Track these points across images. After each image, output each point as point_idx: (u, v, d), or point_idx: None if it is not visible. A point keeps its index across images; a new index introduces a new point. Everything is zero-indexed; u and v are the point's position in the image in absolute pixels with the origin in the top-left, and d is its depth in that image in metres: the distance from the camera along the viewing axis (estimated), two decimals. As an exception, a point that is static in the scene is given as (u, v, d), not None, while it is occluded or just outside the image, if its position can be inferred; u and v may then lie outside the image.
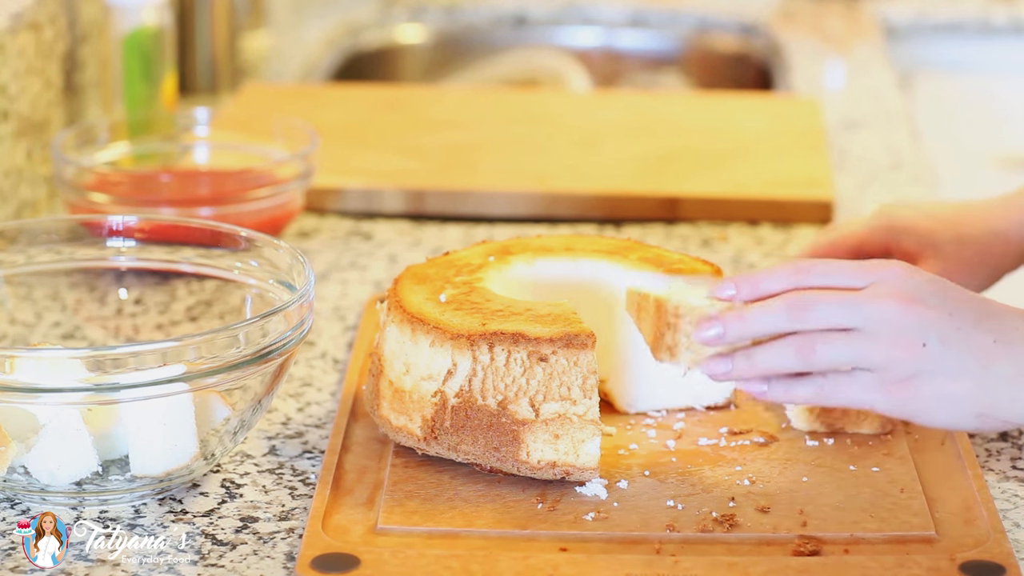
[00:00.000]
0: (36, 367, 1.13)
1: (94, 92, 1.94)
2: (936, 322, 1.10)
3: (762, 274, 1.14)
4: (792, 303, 1.11)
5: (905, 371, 1.10)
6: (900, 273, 1.12)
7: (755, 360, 1.12)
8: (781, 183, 1.81)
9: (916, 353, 1.10)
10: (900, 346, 1.10)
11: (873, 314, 1.10)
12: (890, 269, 1.13)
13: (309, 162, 1.65)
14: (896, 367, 1.10)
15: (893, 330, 1.10)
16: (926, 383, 1.11)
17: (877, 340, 1.10)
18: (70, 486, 1.17)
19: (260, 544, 1.14)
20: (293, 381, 1.38)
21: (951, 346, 1.10)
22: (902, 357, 1.10)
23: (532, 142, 1.94)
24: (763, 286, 1.13)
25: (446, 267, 1.29)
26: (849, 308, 1.11)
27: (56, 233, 1.36)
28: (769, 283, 1.14)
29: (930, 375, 1.11)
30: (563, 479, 1.19)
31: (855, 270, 1.13)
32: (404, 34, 2.71)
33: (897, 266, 1.13)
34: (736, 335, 1.12)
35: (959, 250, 1.41)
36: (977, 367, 1.11)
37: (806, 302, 1.11)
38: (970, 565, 1.09)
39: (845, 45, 2.57)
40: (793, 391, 1.13)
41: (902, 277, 1.12)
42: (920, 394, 1.11)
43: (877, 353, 1.10)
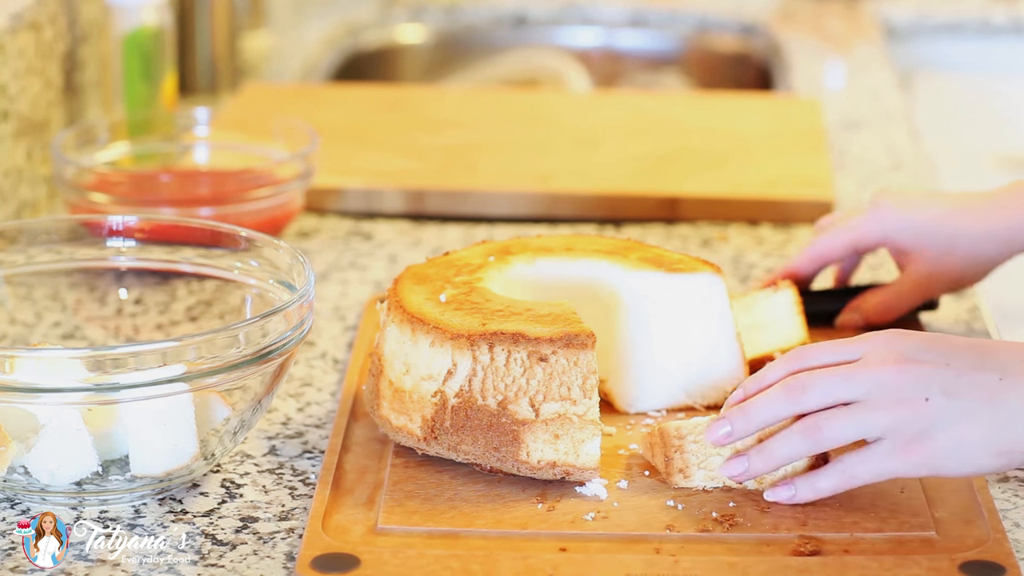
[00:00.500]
0: (36, 367, 1.13)
1: (94, 92, 1.94)
2: (934, 375, 1.10)
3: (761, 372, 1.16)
4: (789, 386, 1.12)
5: (914, 430, 1.10)
6: (890, 339, 1.13)
7: (767, 453, 1.14)
8: (781, 183, 1.81)
9: (920, 410, 1.10)
10: (903, 406, 1.10)
11: (869, 381, 1.11)
12: (879, 337, 1.13)
13: (309, 162, 1.65)
14: (904, 428, 1.10)
15: (893, 392, 1.10)
16: (938, 436, 1.10)
17: (879, 406, 1.10)
18: (70, 486, 1.17)
19: (260, 544, 1.14)
20: (293, 381, 1.38)
21: (954, 395, 1.10)
22: (907, 417, 1.10)
23: (532, 142, 1.94)
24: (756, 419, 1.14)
25: (446, 267, 1.29)
26: (845, 380, 1.11)
27: (56, 233, 1.36)
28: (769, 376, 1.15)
29: (941, 427, 1.10)
30: (563, 479, 1.19)
31: (845, 346, 1.14)
32: (404, 34, 2.71)
33: (886, 333, 1.14)
34: (743, 429, 1.14)
35: (952, 247, 1.41)
36: (986, 408, 1.10)
37: (802, 383, 1.12)
38: (970, 565, 1.09)
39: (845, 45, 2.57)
40: (818, 486, 1.14)
41: (892, 342, 1.13)
42: (936, 449, 1.10)
43: (882, 419, 1.10)
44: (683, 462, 1.18)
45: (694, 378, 1.30)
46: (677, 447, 1.18)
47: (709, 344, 1.30)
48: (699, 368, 1.30)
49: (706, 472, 1.18)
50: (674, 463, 1.18)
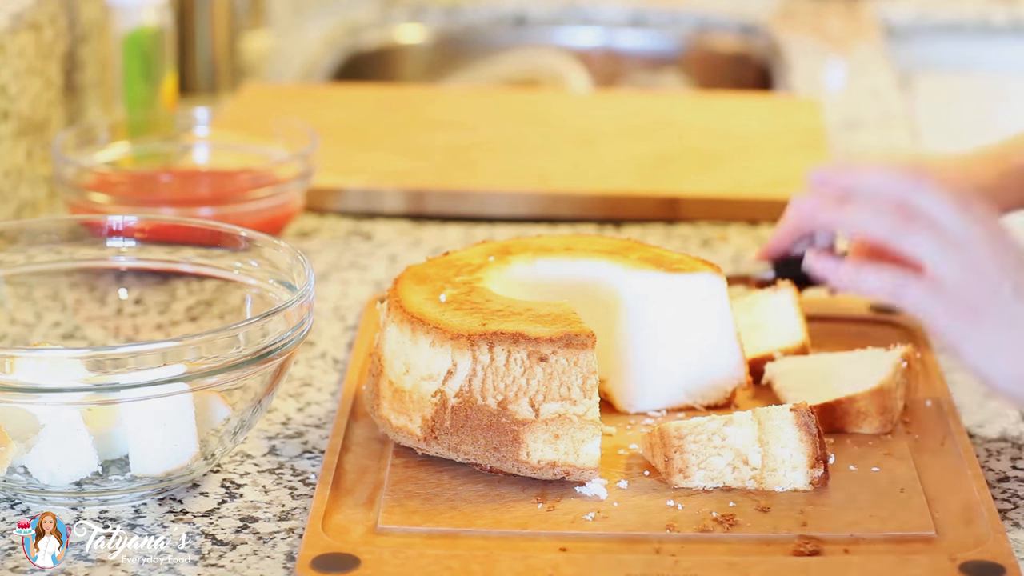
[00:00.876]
0: (36, 367, 1.13)
1: (94, 92, 1.94)
2: (1016, 273, 1.11)
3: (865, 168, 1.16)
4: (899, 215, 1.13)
5: (972, 300, 1.11)
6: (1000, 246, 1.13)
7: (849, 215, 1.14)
8: (781, 183, 1.81)
9: (990, 289, 1.11)
10: (979, 274, 1.11)
11: (973, 234, 1.11)
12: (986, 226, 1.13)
13: (309, 162, 1.65)
14: (966, 290, 1.11)
15: (979, 258, 1.11)
16: (986, 324, 1.11)
17: (963, 254, 1.11)
18: (70, 486, 1.17)
19: (260, 544, 1.14)
20: (293, 381, 1.38)
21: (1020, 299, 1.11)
22: (976, 285, 1.11)
23: (532, 142, 1.94)
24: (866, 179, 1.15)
25: (446, 267, 1.29)
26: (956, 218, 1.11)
27: (56, 233, 1.36)
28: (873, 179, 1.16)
29: (993, 319, 1.11)
30: (563, 479, 1.19)
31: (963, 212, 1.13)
32: (404, 34, 2.71)
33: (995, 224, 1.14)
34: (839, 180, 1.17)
35: None
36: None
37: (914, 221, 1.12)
38: (970, 565, 1.09)
39: (845, 45, 2.57)
40: (867, 278, 1.14)
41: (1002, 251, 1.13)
42: (977, 332, 1.11)
43: (958, 264, 1.11)
44: (683, 462, 1.18)
45: (694, 378, 1.30)
46: (677, 447, 1.18)
47: (709, 344, 1.30)
48: (699, 368, 1.30)
49: (706, 472, 1.18)
50: (674, 463, 1.18)
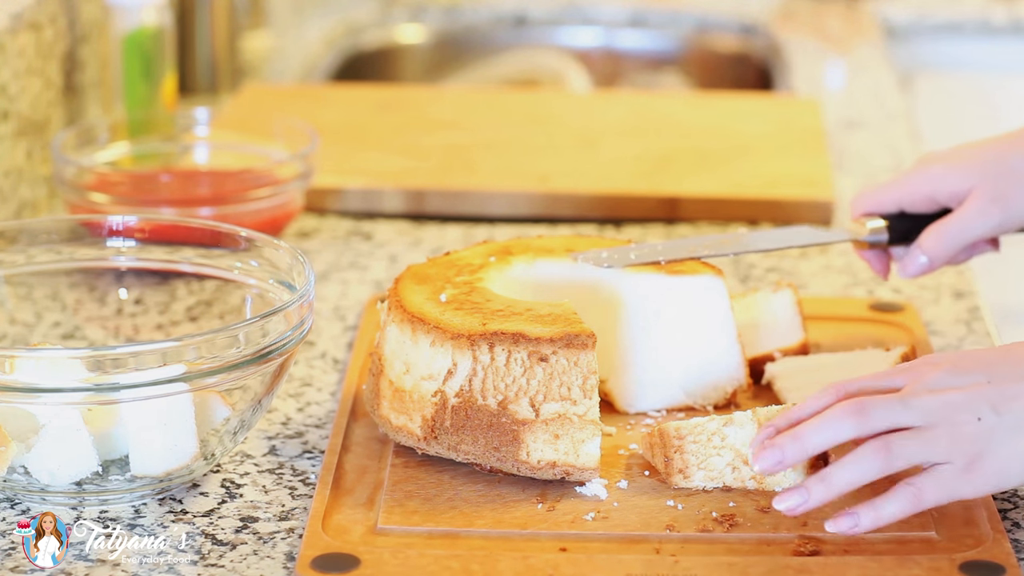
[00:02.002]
0: (36, 367, 1.13)
1: (94, 92, 1.94)
2: (980, 395, 1.11)
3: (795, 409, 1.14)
4: (848, 410, 1.11)
5: (974, 451, 1.10)
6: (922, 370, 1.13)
7: (829, 481, 1.11)
8: (781, 183, 1.81)
9: (976, 430, 1.10)
10: (960, 429, 1.10)
11: (925, 407, 1.10)
12: (913, 371, 1.13)
13: (309, 162, 1.65)
14: (965, 449, 1.10)
15: (947, 418, 1.10)
16: (998, 452, 1.10)
17: (939, 429, 1.10)
18: (70, 486, 1.17)
19: (260, 544, 1.14)
20: (293, 381, 1.38)
21: (1004, 409, 1.10)
22: (967, 437, 1.10)
23: (532, 142, 1.94)
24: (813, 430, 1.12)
25: (446, 267, 1.29)
26: (903, 405, 1.11)
27: (56, 233, 1.36)
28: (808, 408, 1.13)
29: (998, 443, 1.10)
30: (563, 479, 1.19)
31: (888, 376, 1.14)
32: (404, 34, 2.71)
33: (917, 364, 1.14)
34: (796, 455, 1.12)
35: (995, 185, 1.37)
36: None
37: (862, 405, 1.11)
38: (970, 565, 1.09)
39: (845, 45, 2.57)
40: (883, 512, 1.11)
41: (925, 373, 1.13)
42: (997, 465, 1.10)
43: (944, 442, 1.10)
44: (683, 462, 1.18)
45: (694, 378, 1.30)
46: (677, 447, 1.18)
47: (709, 344, 1.30)
48: (699, 368, 1.30)
49: (706, 472, 1.18)
50: (674, 463, 1.18)
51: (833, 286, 1.60)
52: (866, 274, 1.61)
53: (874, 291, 1.58)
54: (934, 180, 1.38)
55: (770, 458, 1.12)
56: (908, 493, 1.11)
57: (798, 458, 1.12)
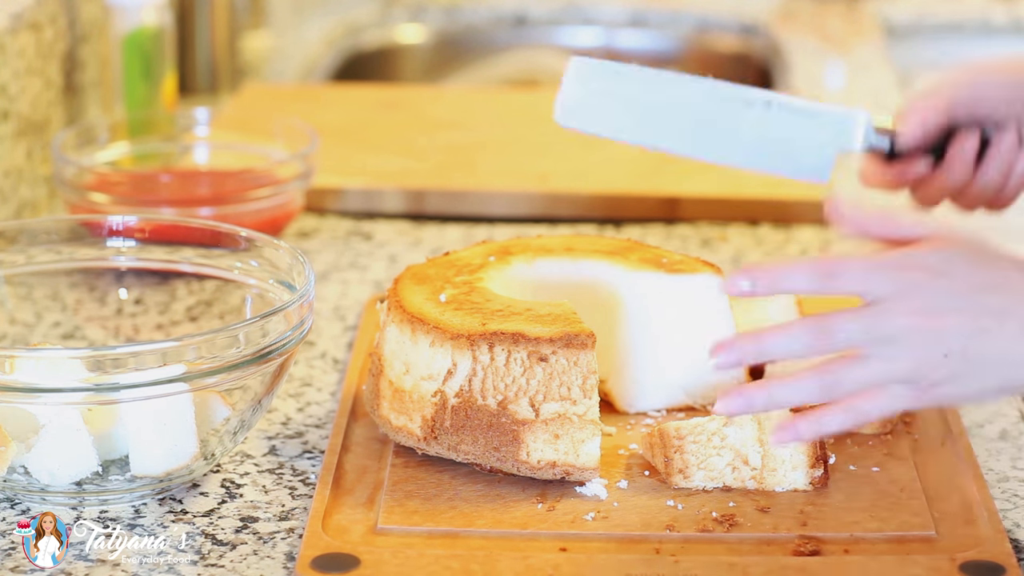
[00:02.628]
0: (36, 367, 1.13)
1: (94, 92, 1.94)
2: (955, 330, 1.09)
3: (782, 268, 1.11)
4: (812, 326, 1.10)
5: (931, 379, 1.10)
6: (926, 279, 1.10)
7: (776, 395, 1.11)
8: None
9: (938, 364, 1.09)
10: (921, 361, 1.09)
11: (893, 333, 1.09)
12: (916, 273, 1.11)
13: (309, 162, 1.65)
14: (921, 379, 1.10)
15: (913, 346, 1.09)
16: (953, 387, 1.10)
17: (899, 358, 1.09)
18: (70, 486, 1.17)
19: (260, 544, 1.14)
20: (293, 381, 1.38)
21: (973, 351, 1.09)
22: (926, 370, 1.09)
23: (532, 142, 1.94)
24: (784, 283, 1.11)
25: (446, 267, 1.29)
26: (869, 331, 1.09)
27: (56, 233, 1.36)
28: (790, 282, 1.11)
29: (957, 380, 1.10)
30: (563, 479, 1.19)
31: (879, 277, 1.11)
32: (404, 34, 2.71)
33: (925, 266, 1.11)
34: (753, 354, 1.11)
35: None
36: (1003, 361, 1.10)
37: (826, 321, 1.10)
38: (970, 565, 1.09)
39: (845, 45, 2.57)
40: (824, 425, 1.11)
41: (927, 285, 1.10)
42: (949, 395, 1.11)
43: (901, 371, 1.09)
44: (683, 462, 1.18)
45: (694, 378, 1.30)
46: (677, 447, 1.18)
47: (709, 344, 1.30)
48: (699, 368, 1.30)
49: (706, 472, 1.18)
50: (674, 463, 1.18)
51: (833, 286, 1.59)
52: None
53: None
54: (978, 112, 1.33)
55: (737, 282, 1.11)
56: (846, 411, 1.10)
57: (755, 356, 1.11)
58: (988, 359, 1.10)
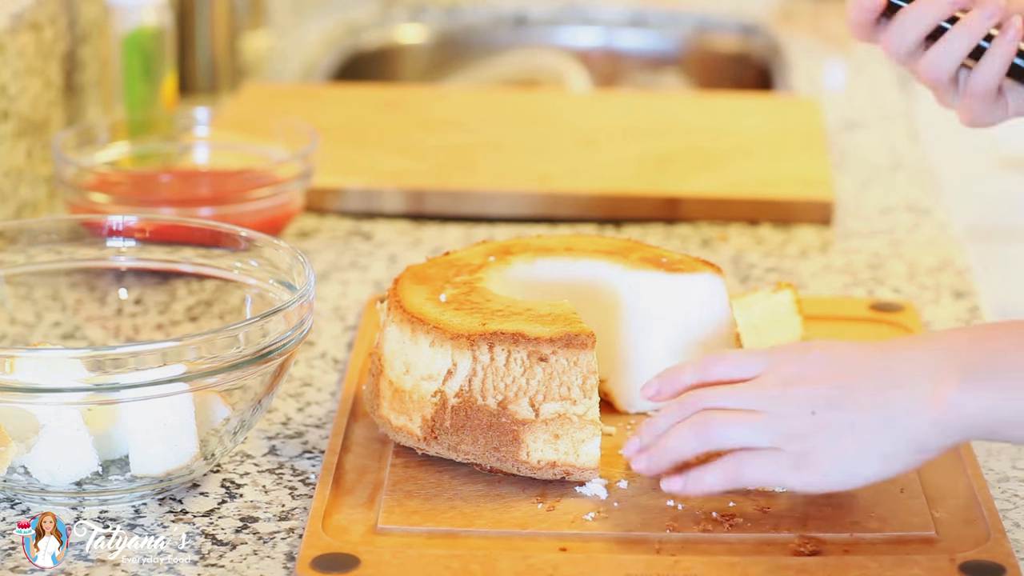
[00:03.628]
0: (36, 367, 1.13)
1: (94, 92, 1.94)
2: (821, 391, 1.09)
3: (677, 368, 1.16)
4: (684, 402, 1.12)
5: (800, 445, 1.09)
6: (793, 358, 1.12)
7: (663, 447, 1.12)
8: (781, 183, 1.81)
9: (806, 424, 1.09)
10: (789, 421, 1.09)
11: (757, 398, 1.10)
12: (784, 355, 1.12)
13: (309, 162, 1.65)
14: (792, 442, 1.09)
15: (779, 408, 1.09)
16: (826, 451, 1.08)
17: (767, 418, 1.09)
18: (70, 486, 1.17)
19: (260, 544, 1.14)
20: (293, 381, 1.38)
21: (840, 408, 1.08)
22: (794, 431, 1.09)
23: (532, 142, 1.94)
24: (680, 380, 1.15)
25: (446, 267, 1.29)
26: (734, 394, 1.11)
27: (56, 233, 1.36)
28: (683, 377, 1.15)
29: (826, 440, 1.08)
30: (563, 479, 1.19)
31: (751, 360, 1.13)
32: (404, 34, 2.71)
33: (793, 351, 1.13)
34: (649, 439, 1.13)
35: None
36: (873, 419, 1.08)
37: (697, 398, 1.12)
38: (970, 565, 1.09)
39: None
40: (705, 480, 1.11)
41: (793, 362, 1.11)
42: (823, 463, 1.09)
43: (769, 430, 1.09)
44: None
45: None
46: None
47: (709, 344, 1.30)
48: (699, 368, 1.30)
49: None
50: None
51: (833, 286, 1.60)
52: (865, 275, 1.61)
53: (874, 291, 1.58)
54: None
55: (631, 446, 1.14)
56: (727, 468, 1.11)
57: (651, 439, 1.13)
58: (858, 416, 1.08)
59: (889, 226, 1.76)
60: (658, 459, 1.13)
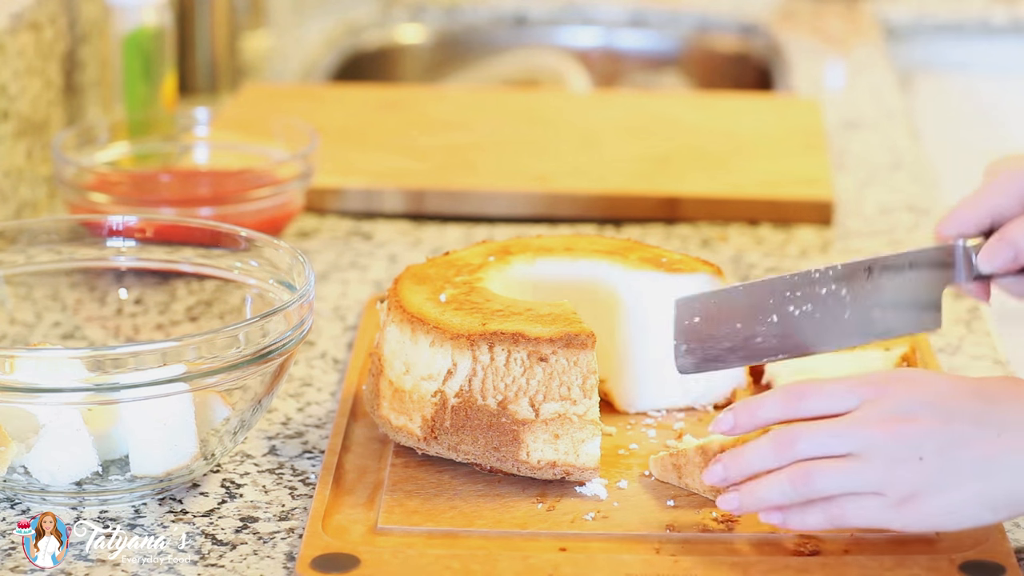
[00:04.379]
0: (36, 367, 1.13)
1: (94, 92, 1.94)
2: (930, 434, 1.07)
3: (757, 402, 1.12)
4: (778, 439, 1.10)
5: (908, 489, 1.07)
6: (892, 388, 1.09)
7: (755, 496, 1.10)
8: (781, 183, 1.81)
9: (914, 469, 1.06)
10: (896, 466, 1.07)
11: (862, 440, 1.07)
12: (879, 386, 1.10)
13: (309, 162, 1.65)
14: (897, 487, 1.07)
15: (886, 452, 1.07)
16: (932, 496, 1.07)
17: (872, 463, 1.07)
18: (70, 486, 1.17)
19: (260, 544, 1.14)
20: (293, 381, 1.38)
21: (949, 454, 1.06)
22: (901, 476, 1.07)
23: (532, 142, 1.94)
24: (759, 415, 1.12)
25: (446, 267, 1.29)
26: (835, 436, 1.08)
27: (56, 233, 1.36)
28: (764, 411, 1.12)
29: (935, 487, 1.07)
30: (563, 479, 1.19)
31: (846, 391, 1.10)
32: (404, 34, 2.71)
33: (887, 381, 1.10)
34: (736, 474, 1.11)
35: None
36: (980, 467, 1.06)
37: (792, 437, 1.09)
38: (970, 565, 1.09)
39: (845, 45, 2.57)
40: (806, 520, 1.10)
41: (894, 393, 1.09)
42: (930, 507, 1.07)
43: (874, 476, 1.07)
44: None
45: (694, 378, 1.30)
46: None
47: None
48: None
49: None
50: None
51: (833, 286, 1.59)
52: (866, 274, 1.61)
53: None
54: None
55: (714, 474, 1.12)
56: (832, 511, 1.09)
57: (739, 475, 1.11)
58: (966, 464, 1.06)
59: (889, 226, 1.76)
60: (750, 504, 1.10)
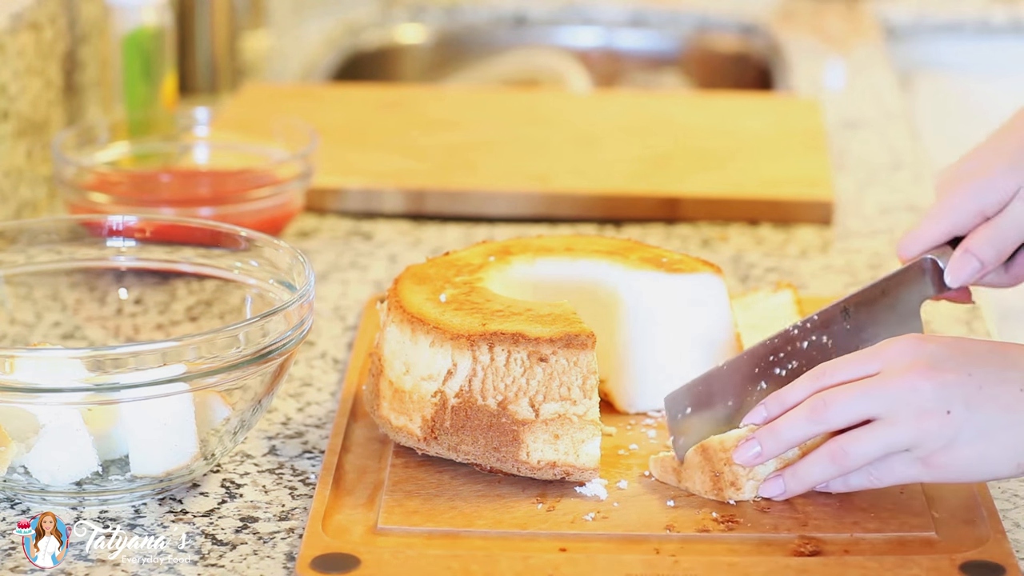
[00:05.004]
0: (36, 367, 1.13)
1: (94, 92, 1.94)
2: (956, 386, 1.10)
3: (786, 389, 1.16)
4: (812, 407, 1.13)
5: (938, 442, 1.10)
6: (909, 346, 1.12)
7: (800, 477, 1.14)
8: (781, 183, 1.81)
9: (943, 422, 1.09)
10: (925, 420, 1.10)
11: (891, 395, 1.11)
12: (898, 345, 1.13)
13: (309, 162, 1.65)
14: (928, 441, 1.10)
15: (915, 406, 1.10)
16: (961, 448, 1.10)
17: (901, 422, 1.10)
18: (70, 486, 1.17)
19: (260, 544, 1.14)
20: (293, 381, 1.38)
21: (976, 407, 1.10)
22: (930, 430, 1.10)
23: (532, 142, 1.94)
24: (789, 399, 1.15)
25: (446, 267, 1.29)
26: (865, 395, 1.11)
27: (56, 233, 1.36)
28: (793, 395, 1.15)
29: (964, 440, 1.10)
30: (563, 479, 1.19)
31: (867, 357, 1.13)
32: (404, 34, 2.71)
33: (906, 340, 1.13)
34: (772, 450, 1.14)
35: None
36: (1007, 419, 1.10)
37: (824, 401, 1.12)
38: (970, 565, 1.09)
39: (845, 45, 2.57)
40: (849, 483, 1.14)
41: (912, 349, 1.12)
42: (958, 459, 1.10)
43: (905, 434, 1.10)
44: (733, 475, 1.16)
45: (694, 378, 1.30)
46: (725, 460, 1.16)
47: (709, 344, 1.30)
48: (699, 368, 1.30)
49: (754, 482, 1.16)
50: (725, 477, 1.16)
51: (833, 286, 1.60)
52: (866, 275, 1.61)
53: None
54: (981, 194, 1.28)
55: (749, 450, 1.15)
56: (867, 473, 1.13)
57: (776, 451, 1.15)
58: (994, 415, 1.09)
59: (889, 226, 1.76)
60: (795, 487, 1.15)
